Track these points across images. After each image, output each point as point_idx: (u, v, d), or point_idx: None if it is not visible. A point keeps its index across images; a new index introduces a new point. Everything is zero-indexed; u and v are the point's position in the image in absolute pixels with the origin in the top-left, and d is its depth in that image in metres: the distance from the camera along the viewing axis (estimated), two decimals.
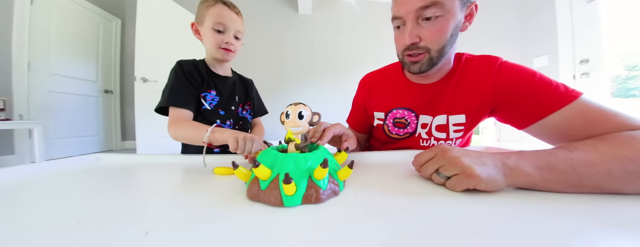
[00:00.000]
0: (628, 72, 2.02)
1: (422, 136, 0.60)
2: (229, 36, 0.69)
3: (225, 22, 0.67)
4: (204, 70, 0.73)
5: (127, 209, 0.24)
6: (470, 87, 0.53)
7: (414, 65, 0.50)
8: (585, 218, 0.20)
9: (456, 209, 0.22)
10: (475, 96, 0.52)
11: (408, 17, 0.45)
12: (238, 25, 0.71)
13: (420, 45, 0.47)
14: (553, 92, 0.42)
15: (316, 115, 0.32)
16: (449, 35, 0.45)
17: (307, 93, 2.96)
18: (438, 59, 0.48)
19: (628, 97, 1.99)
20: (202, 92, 0.72)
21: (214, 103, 0.73)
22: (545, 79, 0.45)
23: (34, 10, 2.12)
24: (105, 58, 2.81)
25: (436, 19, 0.44)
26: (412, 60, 0.49)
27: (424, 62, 0.48)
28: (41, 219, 0.22)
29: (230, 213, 0.22)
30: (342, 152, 0.36)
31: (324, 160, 0.23)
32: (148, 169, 0.45)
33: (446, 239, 0.17)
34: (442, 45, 0.46)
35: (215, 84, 0.74)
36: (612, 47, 2.00)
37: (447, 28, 0.44)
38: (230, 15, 0.68)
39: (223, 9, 0.68)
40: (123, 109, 3.04)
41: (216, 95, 0.73)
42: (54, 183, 0.35)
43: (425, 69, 0.49)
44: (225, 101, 0.75)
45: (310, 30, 2.99)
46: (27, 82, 2.08)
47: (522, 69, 0.48)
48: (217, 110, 0.73)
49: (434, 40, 0.46)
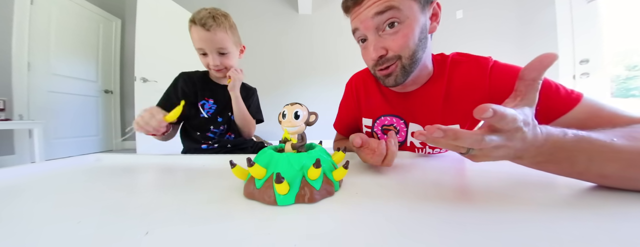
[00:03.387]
0: (628, 72, 2.02)
1: (416, 144, 0.57)
2: (212, 57, 0.68)
3: (202, 45, 0.67)
4: (199, 82, 0.77)
5: (127, 209, 0.24)
6: (462, 94, 0.49)
7: (388, 79, 0.47)
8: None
9: (455, 209, 0.23)
10: (468, 103, 0.49)
11: (367, 29, 0.43)
12: (217, 43, 0.67)
13: (389, 57, 0.44)
14: (554, 95, 0.40)
15: (313, 115, 0.32)
16: (417, 40, 0.43)
17: (307, 93, 2.96)
18: (411, 66, 0.45)
19: (628, 97, 1.99)
20: (199, 101, 0.75)
21: (211, 111, 0.76)
22: (545, 82, 0.42)
23: (34, 11, 2.12)
24: (105, 58, 2.81)
25: (398, 27, 0.42)
26: (384, 73, 0.46)
27: (398, 72, 0.45)
28: (41, 219, 0.22)
29: (229, 212, 0.23)
30: (340, 152, 0.37)
31: (317, 160, 0.23)
32: (148, 169, 0.45)
33: (446, 239, 0.17)
34: (412, 52, 0.43)
35: (213, 93, 0.77)
36: (612, 47, 2.00)
37: (412, 33, 0.42)
38: (206, 35, 0.65)
39: (199, 32, 0.65)
40: (123, 109, 3.05)
41: (214, 104, 0.76)
42: (54, 183, 0.35)
43: (401, 80, 0.46)
44: (222, 108, 0.77)
45: (310, 30, 2.99)
46: (27, 82, 2.09)
47: (516, 70, 0.46)
48: (215, 118, 0.76)
49: (402, 48, 0.43)
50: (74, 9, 2.46)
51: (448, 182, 0.32)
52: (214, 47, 0.67)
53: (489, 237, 0.17)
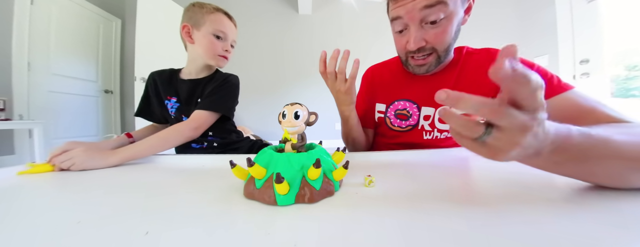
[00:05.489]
0: (628, 72, 2.02)
1: (425, 128, 0.59)
2: (227, 44, 0.71)
3: (226, 30, 0.70)
4: (165, 80, 0.74)
5: (127, 209, 0.24)
6: (473, 79, 0.52)
7: (420, 68, 0.49)
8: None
9: (455, 209, 0.23)
10: (478, 88, 0.51)
11: (412, 19, 0.44)
12: (234, 35, 0.74)
13: (427, 48, 0.46)
14: (548, 81, 0.42)
15: (313, 115, 0.32)
16: (453, 34, 0.46)
17: (307, 93, 2.96)
18: (445, 57, 0.48)
19: (628, 97, 1.99)
20: (164, 100, 0.73)
21: (173, 110, 0.73)
22: (542, 70, 0.45)
23: (34, 11, 2.12)
24: (105, 58, 2.81)
25: (441, 22, 0.43)
26: (418, 63, 0.48)
27: (432, 62, 0.48)
28: (41, 219, 0.22)
29: (229, 212, 0.23)
30: (340, 152, 0.37)
31: (317, 160, 0.23)
32: (148, 169, 0.45)
33: (446, 239, 0.17)
34: (448, 45, 0.46)
35: (176, 91, 0.73)
36: (612, 47, 2.00)
37: (452, 28, 0.44)
38: (230, 24, 0.72)
39: (223, 18, 0.70)
40: (123, 109, 3.04)
41: (176, 102, 0.73)
42: (53, 183, 0.35)
43: (432, 69, 0.49)
44: (184, 106, 0.72)
45: (310, 30, 2.99)
46: (27, 82, 2.08)
47: (522, 59, 0.47)
48: (180, 116, 0.72)
49: (441, 42, 0.45)
50: (74, 9, 2.46)
51: (449, 182, 0.32)
52: (232, 36, 0.72)
53: (489, 237, 0.17)
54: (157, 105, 0.75)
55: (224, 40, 0.70)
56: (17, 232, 0.20)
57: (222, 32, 0.69)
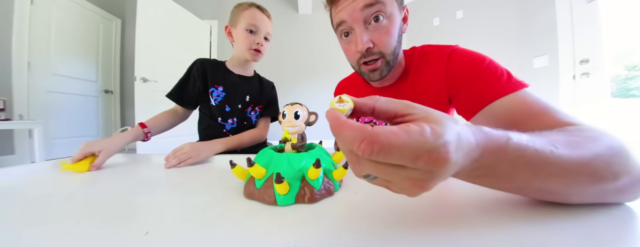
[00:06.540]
0: (628, 72, 2.02)
1: None
2: (260, 37, 0.74)
3: (257, 23, 0.73)
4: (212, 68, 0.77)
5: (127, 209, 0.24)
6: (425, 81, 0.51)
7: (373, 73, 0.49)
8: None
9: (456, 209, 0.23)
10: (431, 90, 0.50)
11: (356, 21, 0.44)
12: (268, 28, 0.76)
13: (374, 51, 0.46)
14: (497, 79, 0.40)
15: (313, 115, 0.32)
16: (397, 37, 0.46)
17: (307, 93, 2.96)
18: (393, 61, 0.48)
19: (628, 97, 1.99)
20: (209, 87, 0.76)
21: (219, 99, 0.77)
22: (492, 66, 0.42)
23: (34, 10, 2.12)
24: (105, 58, 2.81)
25: (383, 21, 0.44)
26: (369, 68, 0.48)
27: (382, 67, 0.48)
28: (41, 219, 0.22)
29: (229, 212, 0.23)
30: (340, 152, 0.37)
31: (317, 160, 0.23)
32: (148, 169, 0.45)
33: (446, 239, 0.17)
34: (394, 48, 0.47)
35: (224, 80, 0.78)
36: (612, 47, 2.00)
37: (394, 30, 0.45)
38: (262, 17, 0.75)
39: (256, 12, 0.74)
40: (123, 109, 3.04)
41: (222, 92, 0.77)
42: (54, 183, 0.35)
43: (385, 74, 0.49)
44: (231, 97, 0.78)
45: (310, 30, 2.99)
46: (27, 82, 2.08)
47: (472, 55, 0.46)
48: (224, 106, 0.77)
49: (386, 44, 0.45)
50: (74, 9, 2.46)
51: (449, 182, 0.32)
52: (265, 30, 0.75)
53: (490, 237, 0.17)
54: (198, 90, 0.76)
55: (256, 33, 0.73)
56: (18, 232, 0.20)
57: (253, 25, 0.72)
